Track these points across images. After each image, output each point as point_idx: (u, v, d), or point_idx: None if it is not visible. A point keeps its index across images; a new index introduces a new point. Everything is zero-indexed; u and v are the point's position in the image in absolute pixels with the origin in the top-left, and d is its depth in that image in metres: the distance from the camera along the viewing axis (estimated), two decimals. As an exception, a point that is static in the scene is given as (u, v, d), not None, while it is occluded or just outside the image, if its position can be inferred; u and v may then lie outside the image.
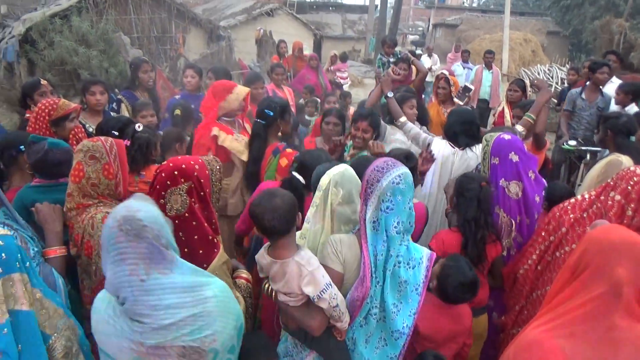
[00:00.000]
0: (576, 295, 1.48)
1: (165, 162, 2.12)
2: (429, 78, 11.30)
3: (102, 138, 2.32)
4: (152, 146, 3.15)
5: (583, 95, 5.69)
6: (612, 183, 2.36)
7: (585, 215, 2.40)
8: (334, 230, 2.25)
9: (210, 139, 3.68)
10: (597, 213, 2.35)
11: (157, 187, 2.04)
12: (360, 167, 2.30)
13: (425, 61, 11.88)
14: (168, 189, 2.02)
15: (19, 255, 1.58)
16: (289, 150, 3.33)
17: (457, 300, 2.34)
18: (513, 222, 2.82)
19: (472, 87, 5.43)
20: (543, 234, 2.56)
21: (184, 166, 2.06)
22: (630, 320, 1.40)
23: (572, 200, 2.55)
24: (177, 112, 4.35)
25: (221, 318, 1.60)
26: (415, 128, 3.82)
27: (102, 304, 1.58)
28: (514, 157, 2.75)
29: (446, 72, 5.67)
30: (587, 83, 5.91)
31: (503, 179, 2.79)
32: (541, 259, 2.53)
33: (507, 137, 2.81)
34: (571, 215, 2.45)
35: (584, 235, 2.27)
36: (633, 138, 3.52)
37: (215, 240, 2.15)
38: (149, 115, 4.15)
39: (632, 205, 2.25)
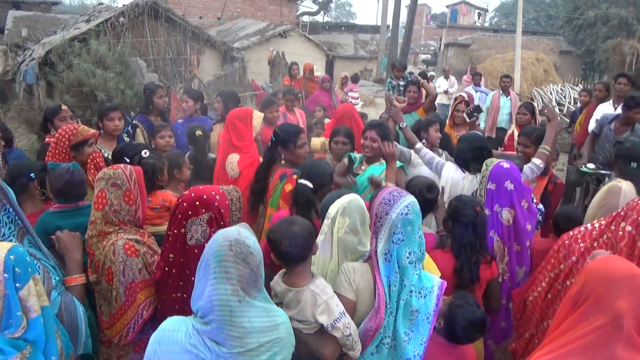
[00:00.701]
0: (577, 326, 1.50)
1: (187, 192, 2.17)
2: (445, 101, 11.33)
3: (122, 165, 2.39)
4: (158, 172, 3.23)
5: (611, 126, 5.39)
6: (622, 213, 2.36)
7: (595, 244, 2.40)
8: (339, 258, 2.28)
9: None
10: (607, 243, 2.35)
11: (179, 216, 2.08)
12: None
13: (442, 83, 11.75)
14: (189, 218, 2.07)
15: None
16: (295, 176, 3.31)
17: (465, 340, 2.26)
18: (505, 247, 2.88)
19: (483, 110, 5.38)
20: (552, 261, 2.56)
21: (205, 196, 2.10)
22: (632, 352, 1.42)
23: (582, 228, 2.56)
24: (199, 133, 4.42)
25: (288, 344, 1.69)
26: (429, 153, 3.85)
27: (179, 334, 1.61)
28: (509, 186, 2.82)
29: (465, 95, 5.62)
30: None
31: (497, 204, 2.86)
32: (551, 287, 2.53)
33: (505, 165, 2.88)
34: (581, 244, 2.44)
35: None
36: (634, 164, 3.47)
37: None
38: (167, 135, 4.24)
39: None
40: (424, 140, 4.23)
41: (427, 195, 2.82)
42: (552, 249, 2.65)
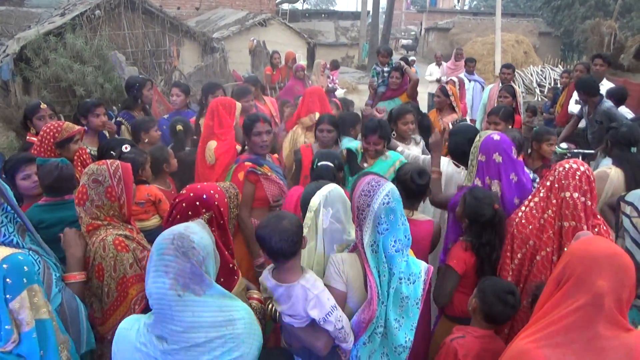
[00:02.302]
0: (560, 306, 1.54)
1: (185, 192, 2.13)
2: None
3: (109, 162, 2.35)
4: (140, 166, 3.21)
5: (585, 109, 5.50)
6: (557, 185, 2.42)
7: (542, 221, 2.46)
8: (325, 250, 2.28)
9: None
10: (554, 217, 2.42)
11: (178, 217, 2.05)
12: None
13: (434, 71, 11.29)
14: (189, 219, 2.02)
15: (36, 268, 1.68)
16: (247, 163, 3.36)
17: (502, 310, 2.26)
18: None
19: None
20: (508, 254, 2.58)
21: (205, 196, 2.08)
22: (614, 330, 1.47)
23: (520, 213, 2.59)
24: (179, 127, 4.38)
25: (248, 340, 1.65)
26: (412, 153, 3.92)
27: (131, 332, 1.60)
28: (497, 158, 2.81)
29: (456, 79, 5.46)
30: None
31: (488, 177, 2.84)
32: (519, 277, 2.55)
33: (496, 137, 2.86)
34: (530, 227, 2.49)
35: (552, 238, 2.38)
36: (634, 149, 3.38)
37: (234, 267, 2.18)
38: (153, 130, 4.18)
39: (588, 196, 2.36)
40: (394, 133, 4.19)
41: (418, 181, 2.80)
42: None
